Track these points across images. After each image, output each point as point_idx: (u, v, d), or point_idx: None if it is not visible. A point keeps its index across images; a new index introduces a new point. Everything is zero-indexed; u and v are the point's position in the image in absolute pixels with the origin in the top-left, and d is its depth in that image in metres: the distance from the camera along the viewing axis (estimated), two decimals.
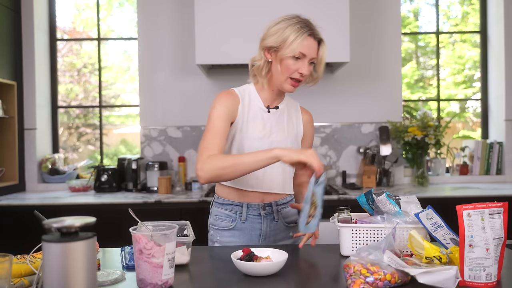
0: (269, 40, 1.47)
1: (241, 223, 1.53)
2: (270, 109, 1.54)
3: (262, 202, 1.53)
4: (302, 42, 1.41)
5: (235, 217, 1.53)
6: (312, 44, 1.44)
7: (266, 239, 1.55)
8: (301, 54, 1.42)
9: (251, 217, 1.53)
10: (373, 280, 1.00)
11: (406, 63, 4.51)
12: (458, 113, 3.95)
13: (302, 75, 1.44)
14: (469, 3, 4.02)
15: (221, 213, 1.56)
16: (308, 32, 1.43)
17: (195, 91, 3.23)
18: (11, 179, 3.03)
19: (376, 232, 1.31)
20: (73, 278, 0.79)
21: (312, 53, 1.44)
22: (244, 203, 1.53)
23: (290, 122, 1.58)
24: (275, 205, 1.55)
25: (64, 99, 4.27)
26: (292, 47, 1.41)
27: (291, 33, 1.42)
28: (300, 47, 1.41)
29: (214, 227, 1.58)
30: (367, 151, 3.10)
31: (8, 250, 1.07)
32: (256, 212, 1.53)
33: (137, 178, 3.07)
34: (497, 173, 3.28)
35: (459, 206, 1.06)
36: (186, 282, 1.15)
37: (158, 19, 3.22)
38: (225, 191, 1.56)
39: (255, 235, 1.54)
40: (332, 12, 2.73)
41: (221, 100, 1.48)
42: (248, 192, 1.52)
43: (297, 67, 1.44)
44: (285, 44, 1.42)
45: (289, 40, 1.41)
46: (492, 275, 1.04)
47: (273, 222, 1.55)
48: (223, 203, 1.56)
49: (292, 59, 1.43)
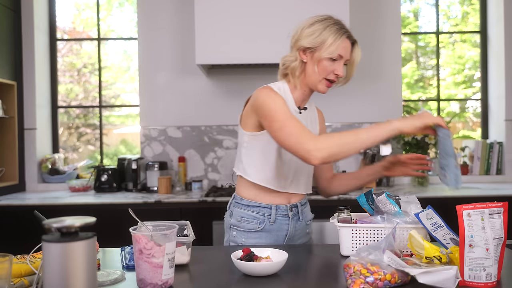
0: (305, 40, 1.46)
1: (270, 225, 1.53)
2: (300, 110, 1.55)
3: (289, 204, 1.55)
4: (341, 44, 1.44)
5: (263, 219, 1.53)
6: (348, 46, 1.47)
7: (290, 239, 1.57)
8: (338, 55, 1.44)
9: (280, 219, 1.54)
10: (373, 280, 1.00)
11: (406, 63, 4.51)
12: (458, 113, 3.95)
13: (337, 76, 1.46)
14: (469, 3, 4.02)
15: (247, 215, 1.54)
16: (346, 34, 1.46)
17: (195, 91, 3.23)
18: (11, 179, 3.03)
19: (376, 232, 1.31)
20: (73, 278, 0.79)
21: (347, 54, 1.47)
22: (273, 205, 1.53)
23: (310, 123, 1.60)
24: (300, 205, 1.58)
25: (64, 99, 4.27)
26: (331, 49, 1.42)
27: (329, 34, 1.43)
28: (339, 48, 1.43)
29: (239, 228, 1.55)
30: (367, 151, 3.10)
31: (8, 250, 1.07)
32: (284, 213, 1.54)
33: (137, 178, 3.08)
34: (497, 173, 3.28)
35: (459, 206, 1.06)
36: (186, 282, 1.15)
37: (158, 19, 3.22)
38: (252, 193, 1.54)
39: (281, 236, 1.54)
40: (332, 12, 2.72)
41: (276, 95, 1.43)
42: (277, 193, 1.53)
43: (333, 68, 1.45)
44: (323, 45, 1.43)
45: (328, 42, 1.43)
46: (492, 275, 1.04)
47: (298, 222, 1.57)
48: (249, 205, 1.54)
49: (329, 61, 1.44)
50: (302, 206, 1.59)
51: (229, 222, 1.58)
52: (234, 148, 3.21)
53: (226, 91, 3.22)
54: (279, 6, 2.75)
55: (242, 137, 1.54)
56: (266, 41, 2.74)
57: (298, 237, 1.60)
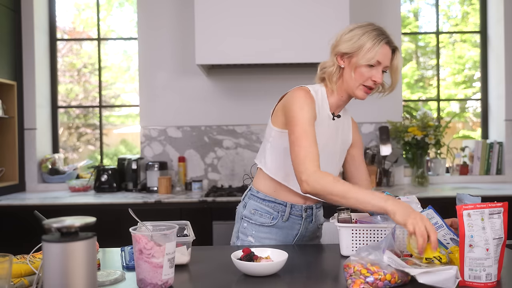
0: (343, 46, 1.44)
1: (282, 222, 1.53)
2: (335, 116, 1.53)
3: (305, 204, 1.55)
4: (379, 50, 1.40)
5: (277, 215, 1.53)
6: (388, 52, 1.43)
7: (300, 239, 1.57)
8: (376, 62, 1.41)
9: (293, 218, 1.54)
10: (373, 280, 1.00)
11: (406, 63, 4.50)
12: (458, 113, 3.95)
13: (375, 83, 1.44)
14: (469, 3, 4.02)
15: (261, 208, 1.54)
16: (385, 40, 1.42)
17: (195, 91, 3.22)
18: (11, 179, 3.03)
19: (376, 232, 1.31)
20: (73, 278, 0.79)
21: (386, 61, 1.43)
22: (289, 203, 1.52)
23: (343, 131, 1.58)
24: (315, 207, 1.58)
25: (64, 99, 4.27)
26: (369, 55, 1.40)
27: (367, 40, 1.40)
28: (377, 55, 1.40)
29: (251, 220, 1.55)
30: (367, 151, 3.10)
31: (8, 250, 1.07)
32: (298, 213, 1.54)
33: (137, 178, 3.08)
34: (497, 173, 3.28)
35: (459, 206, 1.06)
36: (186, 282, 1.15)
37: (158, 19, 3.22)
38: (268, 188, 1.54)
39: (291, 235, 1.55)
40: (332, 12, 2.73)
41: (306, 101, 1.42)
42: (294, 193, 1.52)
43: (371, 74, 1.42)
44: (361, 51, 1.41)
45: (366, 47, 1.40)
46: (492, 275, 1.04)
47: (311, 224, 1.57)
48: (265, 199, 1.54)
49: (367, 67, 1.42)
50: (317, 209, 1.59)
51: (241, 213, 1.58)
52: (234, 148, 3.21)
53: (226, 91, 3.22)
54: (279, 6, 2.75)
55: (270, 132, 1.53)
56: (266, 41, 2.74)
57: (308, 238, 1.60)
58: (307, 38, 2.73)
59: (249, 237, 1.55)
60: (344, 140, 1.58)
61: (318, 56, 2.74)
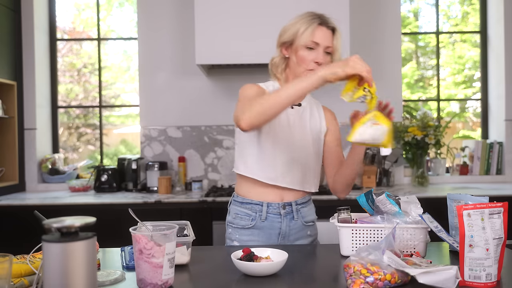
0: (283, 36, 1.51)
1: (261, 222, 1.54)
2: (293, 105, 1.56)
3: (282, 201, 1.54)
4: (313, 31, 1.45)
5: (255, 216, 1.54)
6: (325, 33, 1.46)
7: (285, 238, 1.56)
8: (313, 43, 1.45)
9: (271, 216, 1.53)
10: (373, 280, 1.00)
11: (406, 63, 4.51)
12: (458, 113, 3.95)
13: (318, 64, 1.46)
14: (469, 3, 4.02)
15: (241, 211, 1.56)
16: (318, 21, 1.46)
17: (195, 91, 3.22)
18: (11, 179, 3.03)
19: (376, 232, 1.31)
20: (73, 278, 0.79)
21: (325, 41, 1.46)
22: (264, 202, 1.53)
23: (313, 119, 1.60)
24: (294, 204, 1.56)
25: (64, 99, 4.27)
26: (303, 36, 1.44)
27: (302, 24, 1.46)
28: (311, 36, 1.44)
29: (233, 225, 1.58)
30: (367, 151, 3.10)
31: (8, 250, 1.07)
32: (276, 211, 1.53)
33: (137, 178, 3.08)
34: (497, 173, 3.28)
35: (459, 206, 1.06)
36: (186, 282, 1.15)
37: (158, 19, 3.22)
38: (244, 190, 1.57)
39: (274, 234, 1.54)
40: (332, 12, 2.73)
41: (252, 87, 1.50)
42: (268, 189, 1.53)
43: (312, 57, 1.46)
44: (297, 36, 1.46)
45: (300, 31, 1.45)
46: (492, 275, 1.04)
47: (292, 221, 1.56)
48: (243, 202, 1.56)
49: (306, 50, 1.46)
50: (298, 205, 1.57)
51: (227, 220, 1.61)
52: (234, 148, 3.21)
53: (226, 91, 3.22)
54: (279, 6, 2.75)
55: (237, 136, 1.60)
56: (266, 41, 2.73)
57: (295, 237, 1.57)
58: None
59: (234, 242, 1.57)
60: (314, 128, 1.59)
61: None
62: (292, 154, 1.52)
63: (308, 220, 1.60)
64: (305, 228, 1.59)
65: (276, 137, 1.51)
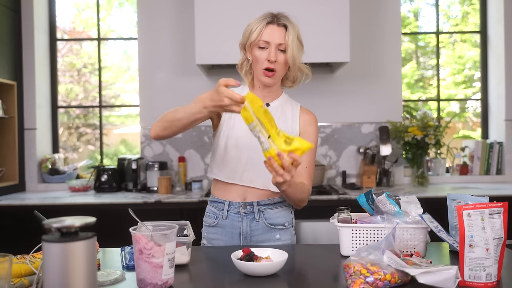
0: (241, 39, 1.54)
1: (223, 221, 1.55)
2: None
3: (243, 201, 1.54)
4: (262, 30, 1.47)
5: (218, 214, 1.56)
6: (275, 31, 1.47)
7: (248, 239, 1.53)
8: (264, 42, 1.46)
9: (232, 215, 1.54)
10: (373, 280, 1.00)
11: (406, 63, 4.51)
12: (458, 113, 3.95)
13: (270, 61, 1.46)
14: (469, 3, 4.02)
15: (209, 210, 1.61)
16: (267, 20, 1.47)
17: (195, 91, 3.22)
18: (11, 179, 3.03)
19: (376, 232, 1.31)
20: (73, 278, 0.79)
21: (276, 39, 1.46)
22: (227, 200, 1.55)
23: (283, 120, 1.56)
24: (257, 204, 1.53)
25: (64, 99, 4.27)
26: (252, 36, 1.47)
27: (253, 24, 1.49)
28: (260, 35, 1.46)
29: (204, 223, 1.63)
30: (367, 151, 3.10)
31: (8, 250, 1.07)
32: (236, 210, 1.53)
33: (137, 178, 3.08)
34: (497, 173, 3.28)
35: (459, 206, 1.06)
36: (186, 282, 1.15)
37: (158, 19, 3.22)
38: (213, 189, 1.62)
39: (235, 234, 1.53)
40: (332, 12, 2.73)
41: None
42: (230, 188, 1.54)
43: (265, 56, 1.47)
44: (249, 36, 1.49)
45: (252, 31, 1.48)
46: (492, 275, 1.04)
47: (254, 222, 1.53)
48: (212, 200, 1.61)
49: (258, 49, 1.47)
50: (262, 206, 1.53)
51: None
52: None
53: None
54: (279, 7, 2.74)
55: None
56: None
57: (259, 239, 1.53)
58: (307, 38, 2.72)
59: (203, 240, 1.61)
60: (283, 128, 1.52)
61: (318, 56, 2.75)
62: (254, 153, 1.47)
63: (275, 223, 1.54)
64: (271, 230, 1.53)
65: (237, 136, 1.51)
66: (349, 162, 3.23)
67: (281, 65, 1.48)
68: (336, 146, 3.24)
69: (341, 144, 3.24)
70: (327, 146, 3.23)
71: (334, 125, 3.24)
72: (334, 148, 3.24)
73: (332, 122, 3.24)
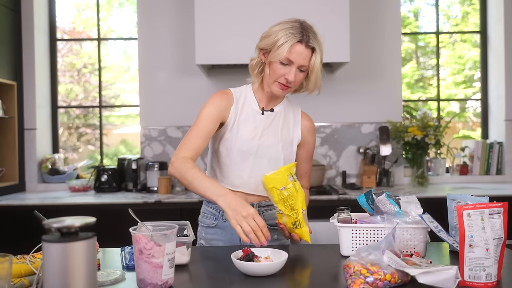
0: (263, 41, 1.46)
1: (223, 222, 1.55)
2: (264, 111, 1.53)
3: None
4: (291, 48, 1.38)
5: (218, 215, 1.56)
6: (303, 52, 1.38)
7: None
8: (287, 60, 1.39)
9: None
10: (373, 280, 1.00)
11: (406, 63, 4.51)
12: (458, 113, 3.95)
13: (288, 81, 1.42)
14: (469, 3, 4.02)
15: (207, 210, 1.60)
16: (298, 38, 1.38)
17: (195, 91, 3.22)
18: (11, 179, 3.03)
19: (376, 232, 1.31)
20: (73, 278, 0.79)
21: (301, 60, 1.39)
22: None
23: (286, 126, 1.56)
24: (257, 206, 1.55)
25: (64, 99, 4.27)
26: (279, 51, 1.38)
27: (281, 37, 1.38)
28: (287, 53, 1.38)
29: (201, 223, 1.62)
30: (367, 151, 3.10)
31: (8, 250, 1.07)
32: None
33: (137, 178, 3.07)
34: (497, 173, 3.28)
35: (459, 206, 1.06)
36: (186, 282, 1.15)
37: (158, 19, 3.22)
38: None
39: (235, 234, 1.53)
40: (332, 12, 2.73)
41: (214, 100, 1.49)
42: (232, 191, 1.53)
43: (284, 72, 1.41)
44: (274, 47, 1.40)
45: (278, 44, 1.39)
46: (492, 275, 1.04)
47: None
48: (209, 201, 1.59)
49: (280, 64, 1.41)
50: (262, 208, 1.55)
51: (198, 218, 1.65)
52: None
53: None
54: (279, 6, 2.75)
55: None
56: None
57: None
58: None
59: (201, 240, 1.59)
60: (285, 134, 1.55)
61: None
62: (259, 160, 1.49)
63: (273, 224, 1.56)
64: (271, 231, 1.55)
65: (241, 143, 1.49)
66: (349, 162, 3.23)
67: (297, 83, 1.45)
68: (336, 146, 3.24)
69: (341, 144, 3.24)
70: (327, 146, 3.23)
71: (334, 125, 3.24)
72: (334, 148, 3.24)
73: (332, 122, 3.24)
